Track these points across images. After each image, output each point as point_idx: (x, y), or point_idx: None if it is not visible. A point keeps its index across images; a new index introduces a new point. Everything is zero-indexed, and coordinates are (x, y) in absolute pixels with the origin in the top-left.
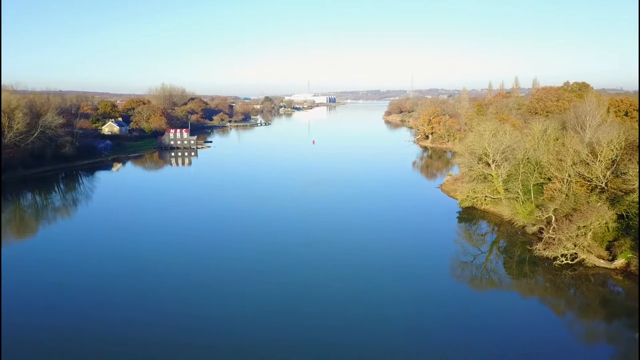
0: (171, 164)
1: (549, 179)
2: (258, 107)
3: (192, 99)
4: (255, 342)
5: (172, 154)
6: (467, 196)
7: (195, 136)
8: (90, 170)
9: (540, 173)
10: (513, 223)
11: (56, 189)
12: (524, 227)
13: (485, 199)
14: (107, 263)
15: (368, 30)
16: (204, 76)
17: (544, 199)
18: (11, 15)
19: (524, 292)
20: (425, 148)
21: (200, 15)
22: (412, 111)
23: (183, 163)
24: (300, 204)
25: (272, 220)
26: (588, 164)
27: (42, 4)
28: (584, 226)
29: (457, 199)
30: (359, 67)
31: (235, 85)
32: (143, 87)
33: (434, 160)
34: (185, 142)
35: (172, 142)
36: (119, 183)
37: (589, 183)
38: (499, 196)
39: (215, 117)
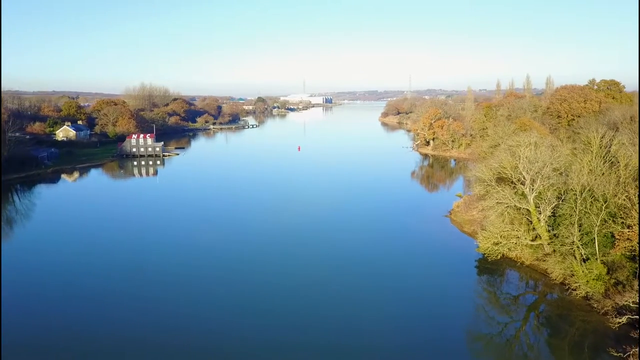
0: (133, 175)
1: (628, 226)
2: (250, 107)
3: (176, 99)
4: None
5: (135, 163)
6: (495, 243)
7: (162, 142)
8: (27, 184)
9: (612, 215)
10: (567, 287)
11: None
12: (587, 297)
13: (518, 246)
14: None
15: (365, 30)
16: (201, 77)
17: (615, 254)
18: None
19: None
20: (425, 155)
21: (197, 16)
22: (410, 112)
23: (147, 173)
24: (260, 237)
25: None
26: None
27: (40, 4)
28: None
29: (473, 237)
30: (356, 67)
31: (231, 86)
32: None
33: (437, 171)
34: (150, 149)
35: (134, 149)
36: (61, 201)
37: None
38: (539, 242)
39: (199, 119)
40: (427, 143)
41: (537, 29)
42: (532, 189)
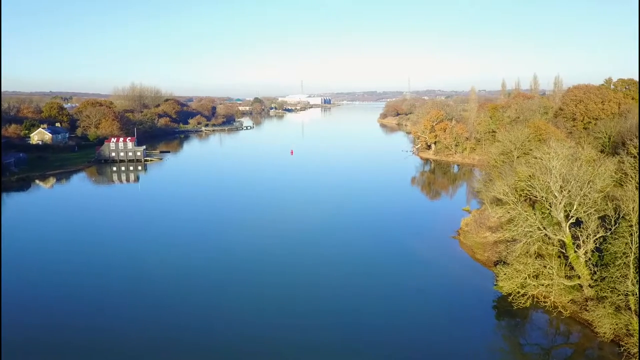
0: (112, 181)
1: None
2: (246, 108)
3: (168, 99)
4: None
5: (114, 168)
6: (521, 284)
7: (144, 146)
8: None
9: None
10: (621, 348)
11: None
12: None
13: (553, 288)
14: None
15: (364, 30)
16: (200, 79)
17: None
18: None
19: None
20: (427, 160)
21: (197, 17)
22: (410, 113)
23: (127, 180)
24: (241, 254)
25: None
26: None
27: (40, 5)
28: None
29: (488, 266)
30: (355, 68)
31: (229, 87)
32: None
33: (439, 177)
34: (130, 153)
35: (113, 154)
36: (21, 213)
37: None
38: (577, 282)
39: (191, 121)
40: (429, 147)
41: (537, 29)
42: (569, 216)
